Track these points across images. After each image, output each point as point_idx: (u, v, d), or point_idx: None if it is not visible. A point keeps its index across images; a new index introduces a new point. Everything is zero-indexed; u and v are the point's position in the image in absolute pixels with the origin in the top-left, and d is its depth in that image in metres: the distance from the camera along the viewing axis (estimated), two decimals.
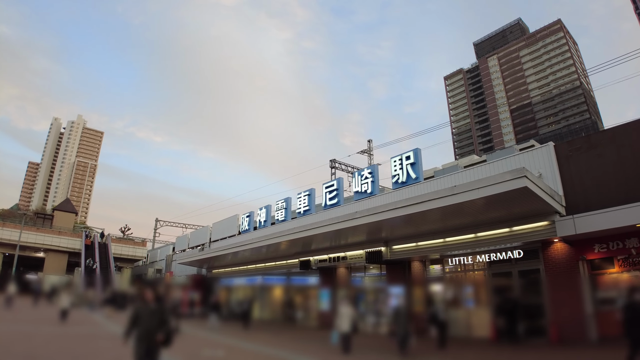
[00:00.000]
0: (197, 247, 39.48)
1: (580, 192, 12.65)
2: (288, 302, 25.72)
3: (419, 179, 16.57)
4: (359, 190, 19.40)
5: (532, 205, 11.82)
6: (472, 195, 11.06)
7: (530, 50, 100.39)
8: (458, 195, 11.31)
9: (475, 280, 14.99)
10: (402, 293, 15.23)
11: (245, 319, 21.99)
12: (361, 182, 19.36)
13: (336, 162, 35.54)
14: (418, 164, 16.78)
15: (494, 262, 14.34)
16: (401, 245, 16.22)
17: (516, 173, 10.32)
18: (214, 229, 38.95)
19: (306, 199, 23.73)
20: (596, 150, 12.66)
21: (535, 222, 12.68)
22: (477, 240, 13.88)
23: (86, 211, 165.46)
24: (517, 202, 11.49)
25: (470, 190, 11.05)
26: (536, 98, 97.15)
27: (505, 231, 13.22)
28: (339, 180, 21.54)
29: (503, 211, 12.56)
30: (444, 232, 14.69)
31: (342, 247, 19.65)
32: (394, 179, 17.60)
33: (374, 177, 18.86)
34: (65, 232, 42.76)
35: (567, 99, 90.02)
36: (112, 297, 24.96)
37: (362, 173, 19.45)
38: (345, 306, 11.20)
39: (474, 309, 14.77)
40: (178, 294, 34.91)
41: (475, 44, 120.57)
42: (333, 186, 21.39)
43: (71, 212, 47.54)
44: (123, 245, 42.53)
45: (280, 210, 26.24)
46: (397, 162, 17.54)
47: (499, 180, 10.60)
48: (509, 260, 13.97)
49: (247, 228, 30.76)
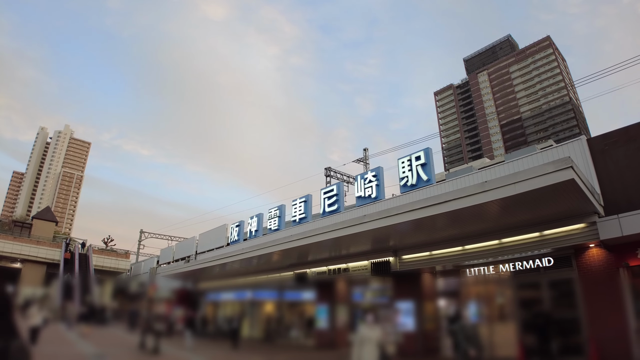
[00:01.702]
0: (183, 259, 37.21)
1: (620, 189, 11.24)
2: (278, 319, 23.68)
3: (430, 181, 15.06)
4: (362, 195, 17.79)
5: (569, 205, 10.34)
6: (507, 192, 9.53)
7: (520, 66, 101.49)
8: (490, 192, 9.77)
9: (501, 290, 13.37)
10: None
11: (234, 337, 19.99)
12: (364, 186, 17.78)
13: (331, 171, 33.99)
14: (429, 165, 15.30)
15: (520, 272, 12.77)
16: (412, 254, 14.58)
17: (561, 163, 8.83)
18: (201, 240, 36.79)
19: (302, 205, 22.02)
20: (636, 143, 11.31)
21: (571, 225, 11.19)
22: (502, 247, 12.33)
23: (71, 223, 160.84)
24: (554, 200, 10.00)
25: (505, 186, 9.52)
26: (526, 113, 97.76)
27: (535, 236, 11.70)
28: (338, 184, 19.93)
29: (533, 213, 11.07)
30: (462, 238, 13.12)
31: (344, 258, 17.94)
32: (401, 182, 16.06)
33: (379, 180, 17.30)
34: (44, 241, 40.06)
35: (557, 114, 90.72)
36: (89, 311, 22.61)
37: (365, 176, 17.87)
38: (370, 328, 7.71)
39: (496, 324, 13.12)
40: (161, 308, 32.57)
41: (466, 60, 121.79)
42: (332, 191, 19.76)
43: (51, 220, 44.78)
44: (105, 257, 39.76)
45: (274, 219, 24.44)
46: (406, 163, 16.04)
47: (539, 172, 9.09)
48: (537, 269, 12.40)
49: (237, 239, 28.80)
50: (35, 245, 39.06)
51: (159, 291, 35.22)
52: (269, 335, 22.74)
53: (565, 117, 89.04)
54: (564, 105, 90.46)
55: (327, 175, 34.01)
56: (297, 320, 28.15)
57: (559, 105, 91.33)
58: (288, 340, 21.71)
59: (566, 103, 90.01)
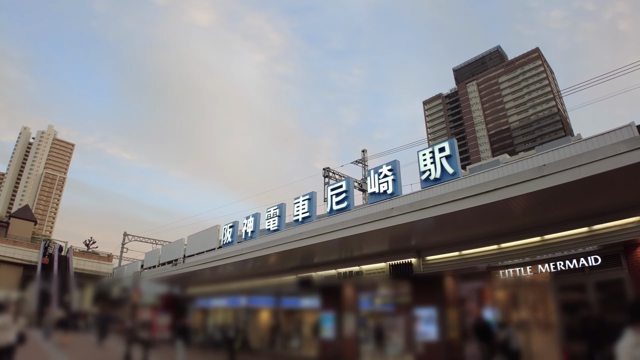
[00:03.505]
0: (170, 262, 35.14)
1: None
2: (275, 327, 21.98)
3: (457, 174, 13.78)
4: (377, 191, 16.40)
5: (629, 194, 9.21)
6: (570, 177, 8.35)
7: (510, 77, 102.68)
8: (548, 178, 8.57)
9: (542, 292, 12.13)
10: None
11: (231, 349, 18.29)
12: (379, 181, 16.42)
13: (330, 171, 32.65)
14: (454, 157, 14.05)
15: (561, 273, 11.56)
16: (438, 255, 13.26)
17: (636, 142, 7.70)
18: (190, 243, 34.78)
19: (306, 204, 20.52)
20: None
21: (622, 219, 10.06)
22: (544, 244, 11.13)
23: (52, 226, 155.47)
24: (616, 187, 8.85)
25: (568, 170, 8.34)
26: (515, 123, 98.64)
27: (583, 231, 10.55)
28: (348, 180, 18.54)
29: (582, 204, 9.92)
30: (498, 236, 11.89)
31: (356, 260, 16.53)
32: (423, 176, 14.77)
33: (395, 175, 15.96)
34: (21, 242, 37.39)
35: (545, 125, 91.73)
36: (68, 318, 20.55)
37: (379, 170, 16.52)
38: None
39: (534, 331, 11.84)
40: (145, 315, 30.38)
41: (455, 70, 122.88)
42: (341, 187, 18.33)
43: (29, 220, 41.99)
44: (86, 260, 37.13)
45: (273, 219, 22.84)
46: (428, 155, 14.77)
47: (609, 153, 7.94)
48: (581, 269, 11.21)
49: (231, 240, 26.91)
50: (12, 245, 36.40)
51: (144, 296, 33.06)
52: (268, 344, 21.03)
53: (553, 127, 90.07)
54: (552, 116, 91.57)
55: (325, 176, 32.66)
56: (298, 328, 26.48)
57: (547, 116, 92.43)
58: (288, 350, 20.06)
59: (554, 114, 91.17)
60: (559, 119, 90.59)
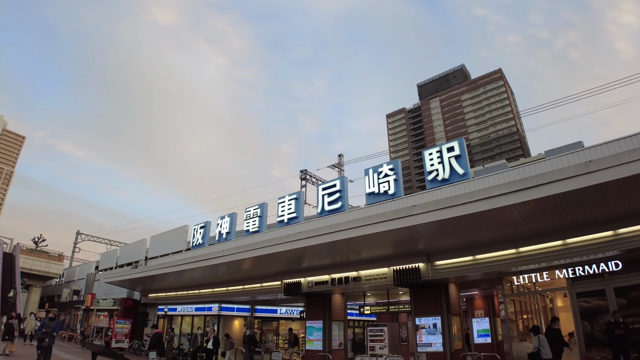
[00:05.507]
0: (129, 264, 32.41)
1: None
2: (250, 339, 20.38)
3: (467, 175, 13.24)
4: (376, 192, 15.57)
5: None
6: (617, 173, 7.87)
7: (472, 95, 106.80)
8: (596, 174, 8.04)
9: None
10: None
11: None
12: (379, 180, 15.62)
13: (307, 174, 31.62)
14: (464, 157, 13.53)
15: (580, 278, 11.20)
16: (450, 259, 12.53)
17: None
18: (153, 244, 32.27)
19: (292, 203, 19.34)
20: None
21: None
22: (566, 248, 10.69)
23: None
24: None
25: (618, 166, 7.85)
26: (475, 140, 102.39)
27: (608, 235, 10.19)
28: (342, 179, 17.60)
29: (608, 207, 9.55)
30: (516, 239, 11.36)
31: (354, 264, 15.51)
32: (429, 176, 14.13)
33: (396, 174, 15.24)
34: None
35: (504, 143, 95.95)
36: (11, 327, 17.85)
37: (379, 169, 15.73)
38: None
39: None
40: (104, 322, 27.63)
41: (419, 86, 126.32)
42: (335, 187, 17.37)
43: None
44: (35, 259, 33.09)
45: (253, 219, 21.40)
46: (435, 154, 14.16)
47: None
48: (601, 275, 10.90)
49: (202, 242, 25.03)
50: None
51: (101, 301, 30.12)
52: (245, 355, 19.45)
53: (512, 146, 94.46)
54: (511, 135, 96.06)
55: (302, 179, 31.59)
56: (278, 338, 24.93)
57: (506, 135, 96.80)
58: None
59: (514, 133, 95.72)
60: (517, 137, 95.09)
